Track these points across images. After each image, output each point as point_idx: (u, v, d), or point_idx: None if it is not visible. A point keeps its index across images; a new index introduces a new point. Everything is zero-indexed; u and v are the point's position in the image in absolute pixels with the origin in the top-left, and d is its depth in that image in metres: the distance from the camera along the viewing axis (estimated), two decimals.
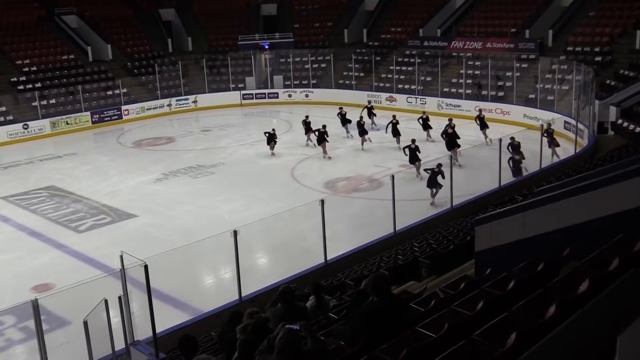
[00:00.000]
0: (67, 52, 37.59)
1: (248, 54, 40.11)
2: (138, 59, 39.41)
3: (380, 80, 36.96)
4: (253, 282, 12.59)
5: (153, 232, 17.82)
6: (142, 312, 10.28)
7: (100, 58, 38.18)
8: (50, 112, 33.25)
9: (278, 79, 39.64)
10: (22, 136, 31.52)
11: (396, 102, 35.15)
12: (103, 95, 35.76)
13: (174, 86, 38.29)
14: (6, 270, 15.75)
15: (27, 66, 35.47)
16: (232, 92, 38.84)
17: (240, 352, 6.86)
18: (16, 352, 12.20)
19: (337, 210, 17.28)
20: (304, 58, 39.95)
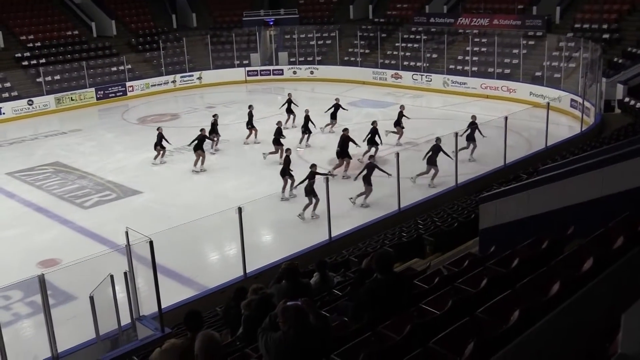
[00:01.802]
0: (72, 28, 37.42)
1: (253, 30, 39.86)
2: (142, 35, 39.22)
3: (385, 57, 36.72)
4: (257, 259, 12.67)
5: (158, 209, 17.87)
6: (147, 288, 10.37)
7: (104, 34, 38.01)
8: (54, 88, 33.19)
9: (283, 55, 39.42)
10: (27, 112, 31.53)
11: (401, 79, 34.99)
12: (107, 71, 35.65)
13: (178, 62, 38.13)
14: (13, 246, 15.85)
15: (32, 42, 35.36)
16: (236, 68, 38.68)
17: (244, 327, 6.94)
18: (23, 326, 12.33)
19: (342, 187, 17.28)
20: (309, 34, 39.68)
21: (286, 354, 4.96)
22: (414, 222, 14.32)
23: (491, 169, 18.00)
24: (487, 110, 27.40)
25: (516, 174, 16.22)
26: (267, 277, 9.70)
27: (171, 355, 5.57)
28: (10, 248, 15.73)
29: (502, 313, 4.70)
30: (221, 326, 8.58)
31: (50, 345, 9.58)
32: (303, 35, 39.80)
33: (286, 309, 5.07)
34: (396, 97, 32.41)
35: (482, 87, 31.61)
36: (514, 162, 18.45)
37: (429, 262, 9.99)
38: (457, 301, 5.31)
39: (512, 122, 19.65)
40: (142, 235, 9.61)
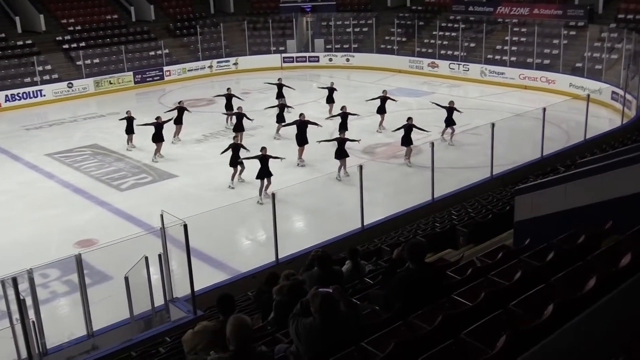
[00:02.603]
0: (111, 12, 37.86)
1: (290, 16, 39.81)
2: (180, 19, 39.49)
3: (422, 45, 36.37)
4: (290, 245, 12.72)
5: (193, 192, 18.04)
6: (180, 270, 10.49)
7: (143, 18, 38.36)
8: (94, 72, 33.68)
9: (319, 42, 39.32)
10: (66, 95, 32.07)
11: (438, 68, 34.64)
12: (145, 55, 36.02)
13: (215, 48, 38.32)
14: (51, 225, 16.19)
15: (72, 25, 35.89)
16: (272, 54, 38.72)
17: (276, 312, 6.99)
18: (60, 304, 12.60)
19: (376, 176, 17.23)
20: (345, 22, 39.48)
21: (316, 340, 4.99)
22: (447, 212, 14.23)
23: (528, 160, 17.75)
24: (525, 101, 27.02)
25: (553, 166, 15.97)
26: (299, 264, 9.74)
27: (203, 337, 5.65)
28: (49, 227, 16.07)
29: (536, 307, 4.65)
30: (252, 310, 8.66)
31: (85, 323, 9.79)
32: (340, 22, 39.62)
33: (317, 295, 5.09)
34: (432, 86, 32.15)
35: (521, 77, 31.12)
36: (551, 154, 18.16)
37: (462, 253, 9.92)
38: (490, 293, 5.26)
39: (551, 113, 19.31)
40: (177, 218, 9.72)
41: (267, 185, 16.90)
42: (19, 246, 14.91)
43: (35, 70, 31.93)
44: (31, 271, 8.86)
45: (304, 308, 5.24)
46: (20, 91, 30.97)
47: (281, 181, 17.47)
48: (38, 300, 9.15)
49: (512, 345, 4.04)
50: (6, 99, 30.48)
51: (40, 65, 32.28)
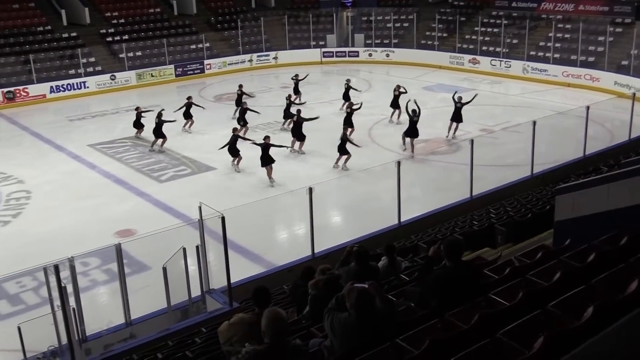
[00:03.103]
0: (154, 6, 38.33)
1: (330, 11, 39.78)
2: (221, 13, 39.77)
3: (464, 41, 35.97)
4: (326, 240, 12.73)
5: (231, 185, 18.19)
6: (217, 262, 10.60)
7: (185, 12, 38.74)
8: (136, 64, 34.20)
9: (359, 37, 39.20)
10: (109, 87, 32.63)
11: (479, 64, 34.22)
12: (187, 49, 36.40)
13: (255, 42, 38.51)
14: (92, 215, 16.51)
15: (116, 18, 36.46)
16: (312, 49, 38.75)
17: (311, 306, 7.00)
18: (99, 292, 12.85)
19: (414, 172, 17.13)
20: (386, 17, 39.28)
21: (351, 335, 4.98)
22: (485, 210, 14.07)
23: (570, 159, 17.43)
24: (568, 99, 26.54)
25: (596, 166, 15.64)
26: (335, 258, 9.73)
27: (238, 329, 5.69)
28: (90, 217, 16.39)
29: (575, 309, 4.56)
30: (288, 304, 8.69)
31: (124, 311, 9.96)
32: (380, 17, 39.44)
33: (353, 290, 5.08)
34: (473, 82, 31.78)
35: (564, 74, 30.54)
36: (594, 153, 17.79)
37: (499, 252, 9.79)
38: (528, 293, 5.18)
39: (594, 112, 18.92)
40: (215, 210, 9.80)
41: (269, 171, 18.13)
42: (62, 235, 15.27)
43: (79, 63, 32.56)
44: (72, 259, 9.04)
45: (339, 303, 5.24)
46: (64, 83, 31.64)
47: (317, 175, 17.53)
48: (78, 288, 9.34)
49: (551, 346, 3.98)
50: (51, 90, 31.18)
51: (84, 58, 32.90)
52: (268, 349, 4.44)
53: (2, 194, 18.39)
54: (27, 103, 30.28)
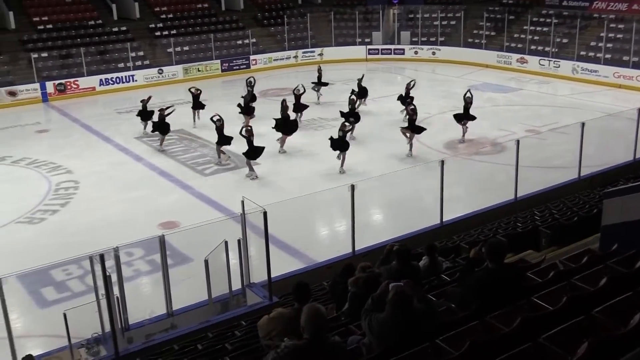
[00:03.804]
0: (202, 1, 38.76)
1: (376, 8, 39.62)
2: (268, 9, 39.99)
3: (512, 40, 35.41)
4: (366, 237, 12.70)
5: (273, 180, 18.29)
6: (258, 256, 10.67)
7: (232, 8, 39.08)
8: (183, 59, 34.67)
9: (405, 34, 38.94)
10: (156, 80, 33.16)
11: (527, 64, 33.64)
12: (233, 44, 36.74)
13: (301, 38, 38.63)
14: (137, 206, 16.82)
15: (165, 13, 37.01)
16: (358, 46, 38.68)
17: (350, 304, 6.99)
18: (142, 282, 13.08)
19: (457, 172, 16.96)
20: (433, 14, 38.93)
21: (389, 334, 4.96)
22: (530, 212, 13.83)
23: (619, 162, 17.01)
24: (618, 101, 25.89)
25: None
26: (375, 256, 9.70)
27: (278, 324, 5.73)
28: (135, 208, 16.70)
29: (622, 315, 4.46)
30: (327, 300, 8.70)
31: (166, 302, 10.11)
32: (427, 15, 39.10)
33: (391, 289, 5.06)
34: (520, 82, 31.30)
35: (615, 75, 29.80)
36: None
37: (544, 255, 9.61)
38: (573, 298, 5.08)
39: None
40: (257, 205, 9.87)
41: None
42: (107, 225, 15.58)
43: (128, 57, 33.17)
44: (117, 249, 9.21)
45: (375, 303, 5.23)
46: (113, 76, 32.29)
47: (360, 173, 17.50)
48: (122, 278, 9.53)
49: (595, 353, 3.89)
50: (100, 83, 31.86)
51: (133, 52, 33.51)
52: (307, 345, 4.45)
53: (51, 183, 18.88)
54: (77, 95, 31.01)
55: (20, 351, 9.02)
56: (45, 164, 20.68)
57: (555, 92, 29.35)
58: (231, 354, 7.03)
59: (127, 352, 9.03)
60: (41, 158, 21.23)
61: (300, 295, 5.99)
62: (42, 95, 30.38)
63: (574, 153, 16.52)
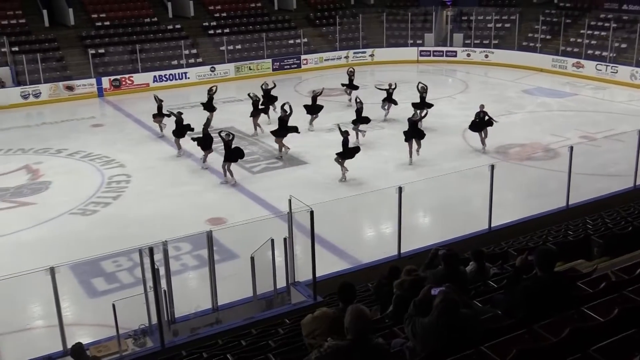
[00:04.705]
0: (255, 0, 39.10)
1: (430, 9, 39.27)
2: (320, 9, 40.09)
3: (568, 44, 34.62)
4: (413, 240, 12.61)
5: (320, 180, 18.31)
6: (303, 255, 10.70)
7: (285, 7, 39.31)
8: (235, 57, 35.06)
9: (458, 37, 38.50)
10: (209, 78, 33.59)
11: (583, 68, 32.84)
12: (285, 43, 36.96)
13: (352, 38, 38.60)
14: (186, 201, 17.08)
15: (218, 12, 37.49)
16: (409, 47, 38.42)
17: (395, 306, 6.95)
18: (189, 276, 13.27)
19: (507, 177, 16.69)
20: (487, 16, 38.39)
21: (433, 338, 4.91)
22: (582, 221, 13.49)
23: None
24: None
25: None
26: (421, 259, 9.62)
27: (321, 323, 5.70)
28: (184, 203, 16.96)
29: None
30: (371, 302, 8.67)
31: (211, 297, 10.24)
32: (481, 17, 38.59)
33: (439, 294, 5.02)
34: (576, 87, 30.61)
35: None
36: None
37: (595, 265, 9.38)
38: (625, 310, 4.94)
39: None
40: (304, 204, 9.91)
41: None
42: (157, 219, 15.88)
43: (182, 54, 33.73)
44: (166, 243, 9.38)
45: (417, 308, 5.20)
46: (167, 73, 32.89)
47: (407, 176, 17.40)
48: (170, 271, 9.68)
49: None
50: (154, 79, 32.49)
51: (186, 49, 34.05)
52: (350, 346, 4.44)
53: (104, 176, 19.34)
54: (131, 91, 31.68)
55: (70, 339, 9.26)
56: (99, 157, 21.20)
57: (612, 99, 28.61)
58: (274, 351, 7.07)
59: (173, 345, 9.17)
60: (95, 151, 21.77)
61: (345, 296, 5.99)
62: (97, 90, 31.17)
63: (629, 161, 16.07)
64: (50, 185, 18.77)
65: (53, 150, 22.14)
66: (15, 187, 18.62)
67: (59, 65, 31.59)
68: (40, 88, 30.01)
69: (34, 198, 17.76)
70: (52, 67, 31.18)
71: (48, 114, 28.38)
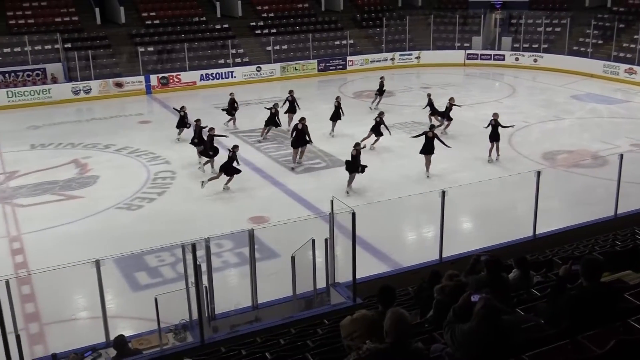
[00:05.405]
0: (302, 1, 39.26)
1: (478, 12, 38.83)
2: (367, 11, 40.03)
3: (620, 49, 33.80)
4: (455, 245, 12.48)
5: (362, 182, 18.23)
6: (344, 257, 10.68)
7: (332, 8, 39.37)
8: (281, 57, 35.27)
9: (506, 40, 37.95)
10: (254, 77, 33.90)
11: (636, 75, 32.01)
12: (330, 44, 37.02)
13: (399, 41, 38.43)
14: (229, 199, 17.25)
15: (266, 12, 37.77)
16: (456, 50, 38.07)
17: (435, 311, 6.88)
18: (230, 274, 13.38)
19: (554, 183, 16.40)
20: (537, 20, 37.74)
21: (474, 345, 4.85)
22: (630, 231, 13.14)
23: None
24: None
25: None
26: (462, 265, 9.51)
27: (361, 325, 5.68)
28: (227, 201, 17.14)
29: None
30: (411, 306, 8.60)
31: (251, 295, 10.30)
32: (531, 21, 37.97)
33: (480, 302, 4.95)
34: (628, 94, 29.87)
35: None
36: None
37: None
38: None
39: None
40: (346, 205, 9.90)
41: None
42: (200, 215, 16.08)
43: (229, 53, 34.08)
44: (208, 240, 9.47)
45: (456, 315, 5.14)
46: (213, 72, 33.30)
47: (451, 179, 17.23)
48: (212, 268, 9.78)
49: None
50: (201, 78, 32.92)
51: (233, 49, 34.40)
52: (389, 349, 4.42)
53: (150, 172, 19.66)
54: (178, 89, 32.16)
55: (113, 331, 9.45)
56: (146, 153, 21.57)
57: None
58: (312, 351, 7.07)
59: (212, 341, 9.27)
60: (142, 148, 22.16)
61: (385, 299, 5.95)
62: (146, 88, 31.75)
63: None
64: (98, 179, 19.18)
65: (101, 146, 22.63)
66: (64, 180, 19.09)
67: (109, 62, 32.30)
68: (90, 84, 30.72)
69: (82, 192, 18.17)
70: (102, 64, 31.92)
71: (97, 109, 29.03)
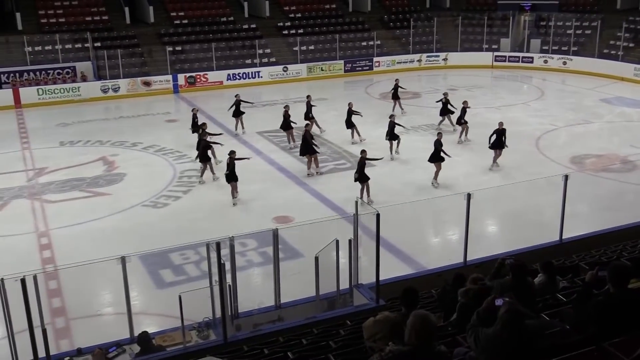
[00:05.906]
0: (330, 1, 39.27)
1: (507, 14, 38.48)
2: (395, 12, 39.90)
3: None
4: (479, 248, 12.39)
5: (387, 183, 18.20)
6: (367, 258, 10.66)
7: (359, 9, 39.32)
8: (308, 58, 35.32)
9: (535, 42, 37.56)
10: (281, 78, 34.00)
11: None
12: (357, 45, 36.97)
13: (426, 42, 38.24)
14: (254, 199, 17.31)
15: (294, 12, 37.86)
16: (484, 52, 37.74)
17: (459, 314, 6.84)
18: (254, 273, 13.44)
19: (581, 188, 16.18)
20: (567, 22, 37.28)
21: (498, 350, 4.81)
22: None
23: None
24: None
25: None
26: (487, 268, 9.43)
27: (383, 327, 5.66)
28: (251, 200, 17.21)
29: None
30: (434, 309, 8.56)
31: (275, 294, 10.33)
32: (560, 23, 37.51)
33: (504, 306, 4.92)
34: None
35: None
36: None
37: None
38: None
39: None
40: (370, 206, 9.88)
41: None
42: (225, 214, 16.18)
43: (255, 53, 34.23)
44: (232, 239, 9.52)
45: (480, 318, 5.09)
46: (240, 71, 33.46)
47: (477, 182, 17.10)
48: (236, 266, 9.83)
49: None
50: (228, 77, 33.10)
51: (260, 49, 34.53)
52: (412, 351, 4.39)
53: (176, 170, 19.83)
54: (205, 88, 32.39)
55: (137, 327, 9.55)
56: (172, 152, 21.76)
57: None
58: (335, 352, 7.07)
59: (235, 339, 9.31)
60: (169, 146, 22.36)
61: (408, 301, 5.93)
62: (173, 87, 32.02)
63: None
64: (125, 177, 19.39)
65: (129, 144, 22.88)
66: (92, 177, 19.33)
67: (137, 61, 32.63)
68: (119, 83, 31.07)
69: (109, 189, 18.39)
70: (131, 63, 32.26)
71: (125, 108, 29.36)
